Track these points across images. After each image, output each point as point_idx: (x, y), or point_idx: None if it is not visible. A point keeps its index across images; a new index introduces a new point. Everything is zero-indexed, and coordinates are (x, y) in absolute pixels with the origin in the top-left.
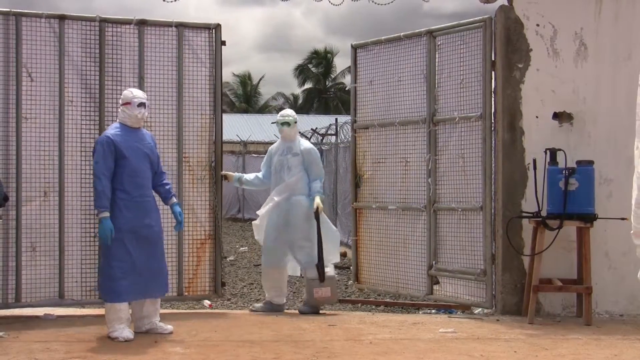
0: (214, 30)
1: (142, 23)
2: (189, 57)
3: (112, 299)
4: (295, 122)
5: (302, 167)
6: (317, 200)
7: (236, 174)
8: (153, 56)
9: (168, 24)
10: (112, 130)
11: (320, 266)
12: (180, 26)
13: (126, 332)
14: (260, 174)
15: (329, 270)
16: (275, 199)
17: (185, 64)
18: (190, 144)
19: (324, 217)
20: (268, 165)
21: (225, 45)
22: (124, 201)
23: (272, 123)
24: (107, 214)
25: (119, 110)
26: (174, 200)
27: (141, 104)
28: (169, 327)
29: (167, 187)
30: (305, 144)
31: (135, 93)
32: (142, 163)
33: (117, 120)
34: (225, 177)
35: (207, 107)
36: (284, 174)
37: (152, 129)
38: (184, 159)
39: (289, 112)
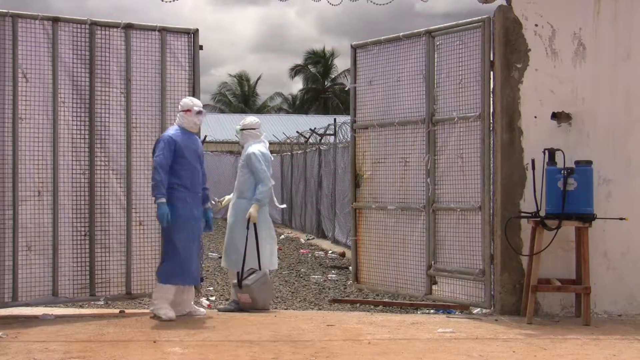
0: (192, 35)
1: (128, 27)
2: (170, 60)
3: (166, 280)
4: (242, 130)
5: (247, 171)
6: (251, 209)
7: (229, 197)
8: (139, 59)
9: (152, 28)
10: (173, 131)
11: (240, 273)
12: (163, 30)
13: (171, 313)
14: None
15: (251, 278)
16: (231, 202)
17: (167, 67)
18: None
19: (264, 223)
20: None
21: (202, 49)
22: (184, 194)
23: None
24: (164, 200)
25: (178, 115)
26: (209, 205)
27: (199, 112)
28: (203, 310)
29: (206, 192)
30: (250, 149)
31: (195, 102)
32: (196, 163)
33: (176, 123)
34: (221, 202)
35: None
36: (237, 178)
37: (139, 131)
38: None
39: (241, 121)
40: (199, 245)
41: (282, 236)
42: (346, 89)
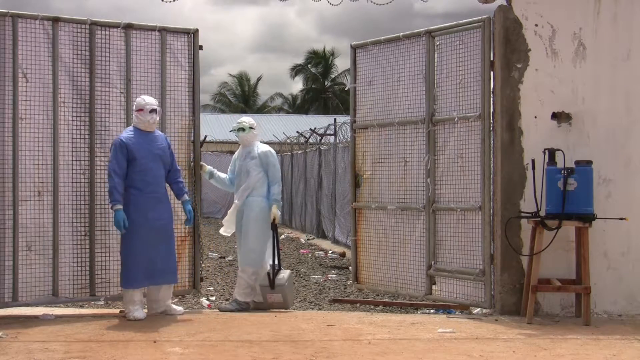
0: (192, 35)
1: (128, 26)
2: (170, 60)
3: (126, 285)
4: (251, 128)
5: (262, 169)
6: (274, 210)
7: (210, 167)
8: (139, 59)
9: (152, 28)
10: (125, 133)
11: (271, 274)
12: (163, 30)
13: (137, 313)
14: (227, 178)
15: (282, 277)
16: (236, 202)
17: (167, 67)
18: (172, 144)
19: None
20: (232, 171)
21: (202, 49)
22: (136, 197)
23: (231, 131)
24: (119, 207)
25: (133, 115)
26: (186, 197)
27: (152, 110)
28: (180, 308)
29: (180, 185)
30: (262, 147)
31: (147, 100)
32: (153, 163)
33: (132, 124)
34: (201, 166)
35: (187, 109)
36: (244, 178)
37: None
38: None
39: (244, 119)
40: (171, 244)
41: (282, 236)
42: (346, 89)
